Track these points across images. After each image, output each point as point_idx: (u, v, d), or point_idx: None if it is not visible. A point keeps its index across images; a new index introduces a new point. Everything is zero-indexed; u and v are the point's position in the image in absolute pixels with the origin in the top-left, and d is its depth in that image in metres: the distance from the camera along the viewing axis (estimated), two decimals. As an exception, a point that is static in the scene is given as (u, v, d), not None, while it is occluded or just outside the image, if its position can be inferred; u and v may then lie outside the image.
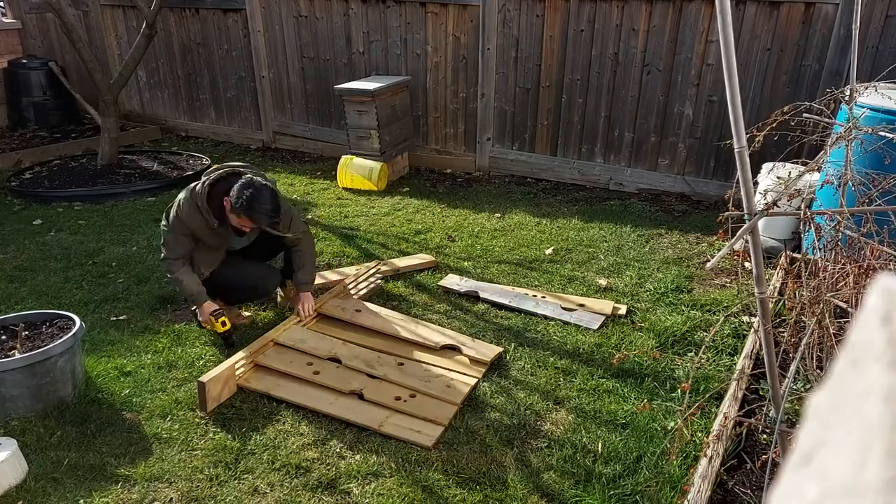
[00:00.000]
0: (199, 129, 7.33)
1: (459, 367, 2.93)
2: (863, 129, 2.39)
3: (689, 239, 4.39)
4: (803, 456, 0.33)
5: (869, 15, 4.17)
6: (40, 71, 7.22)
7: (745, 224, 1.51)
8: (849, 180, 2.32)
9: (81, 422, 2.62)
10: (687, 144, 5.04)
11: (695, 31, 4.74)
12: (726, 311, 3.34)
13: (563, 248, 4.25)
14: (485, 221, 4.74)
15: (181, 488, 2.29)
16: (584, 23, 5.07)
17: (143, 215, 4.92)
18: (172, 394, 2.79)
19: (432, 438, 2.49)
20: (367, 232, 4.58)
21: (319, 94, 6.39)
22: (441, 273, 3.89)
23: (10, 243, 4.39)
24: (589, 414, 2.66)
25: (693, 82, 4.86)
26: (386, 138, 5.44)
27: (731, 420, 2.30)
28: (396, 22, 5.74)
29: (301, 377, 2.84)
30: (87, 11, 7.34)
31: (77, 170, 5.89)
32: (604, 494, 2.23)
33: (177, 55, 7.09)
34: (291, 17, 6.22)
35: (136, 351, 3.12)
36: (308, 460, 2.41)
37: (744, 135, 1.42)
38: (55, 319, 2.88)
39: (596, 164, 5.44)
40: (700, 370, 2.84)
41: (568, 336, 3.21)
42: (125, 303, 3.58)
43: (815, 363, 2.26)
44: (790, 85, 4.59)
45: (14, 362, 2.54)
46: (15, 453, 2.31)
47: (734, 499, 2.12)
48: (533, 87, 5.44)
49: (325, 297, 3.42)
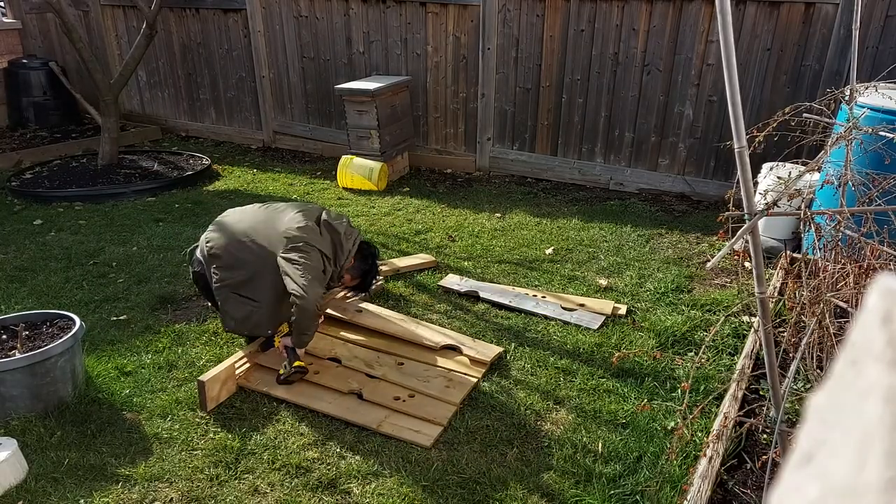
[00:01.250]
0: (199, 129, 7.33)
1: (459, 368, 2.93)
2: (863, 129, 2.39)
3: (689, 239, 4.39)
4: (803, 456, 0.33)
5: (869, 15, 4.17)
6: (40, 71, 7.22)
7: (745, 224, 1.51)
8: (849, 180, 2.32)
9: (82, 422, 2.62)
10: (687, 144, 5.04)
11: (695, 31, 4.74)
12: (726, 311, 3.34)
13: (563, 247, 4.25)
14: (485, 221, 4.74)
15: (181, 488, 2.29)
16: (585, 23, 5.07)
17: (143, 215, 4.92)
18: (173, 394, 2.79)
19: (431, 438, 2.49)
20: (368, 232, 4.58)
21: (320, 94, 6.39)
22: (441, 273, 3.89)
23: (10, 243, 4.39)
24: (589, 414, 2.66)
25: (693, 82, 4.86)
26: (386, 138, 5.44)
27: (731, 420, 2.30)
28: (396, 22, 5.74)
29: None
30: (88, 11, 7.34)
31: (77, 170, 5.89)
32: (604, 494, 2.23)
33: (177, 55, 7.09)
34: (292, 17, 6.22)
35: (137, 351, 3.12)
36: (308, 460, 2.41)
37: (744, 135, 1.42)
38: (55, 319, 2.88)
39: (596, 164, 5.44)
40: (700, 370, 2.84)
41: (568, 336, 3.21)
42: (125, 303, 3.58)
43: (815, 363, 2.26)
44: (790, 85, 4.59)
45: (14, 362, 2.54)
46: (15, 453, 2.31)
47: (734, 499, 2.12)
48: (533, 87, 5.44)
49: (326, 296, 3.42)
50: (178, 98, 7.35)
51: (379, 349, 3.07)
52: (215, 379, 2.68)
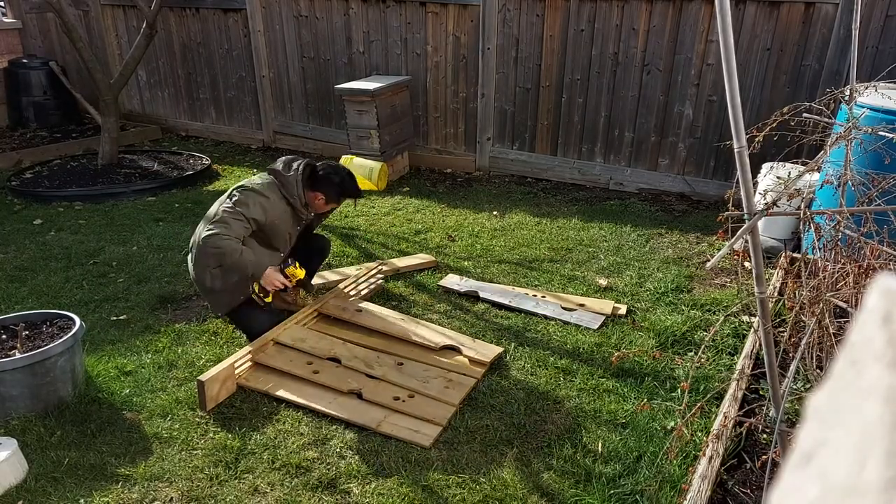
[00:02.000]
0: (199, 129, 7.33)
1: (459, 368, 2.93)
2: (863, 129, 2.39)
3: (689, 239, 4.39)
4: (803, 456, 0.33)
5: (869, 15, 4.17)
6: (40, 71, 7.22)
7: (745, 224, 1.51)
8: (848, 180, 2.32)
9: (82, 421, 2.62)
10: (687, 144, 5.05)
11: (695, 31, 4.74)
12: (726, 310, 3.34)
13: (563, 247, 4.25)
14: (485, 221, 4.74)
15: (181, 488, 2.29)
16: (584, 22, 5.07)
17: (143, 215, 4.92)
18: (173, 393, 2.79)
19: (430, 438, 2.49)
20: (367, 232, 4.58)
21: (319, 94, 6.39)
22: (441, 273, 3.89)
23: (10, 243, 4.39)
24: (589, 413, 2.66)
25: (693, 82, 4.86)
26: (386, 138, 5.44)
27: (731, 420, 2.30)
28: (396, 22, 5.74)
29: (300, 376, 2.84)
30: (88, 11, 7.34)
31: (77, 169, 5.89)
32: (603, 494, 2.23)
33: (177, 55, 7.09)
34: (292, 16, 6.22)
35: (137, 351, 3.12)
36: (308, 460, 2.41)
37: (743, 135, 1.42)
38: (55, 319, 2.88)
39: (596, 164, 5.44)
40: (700, 370, 2.84)
41: (568, 336, 3.21)
42: (125, 302, 3.58)
43: (815, 363, 2.26)
44: (790, 85, 4.59)
45: (14, 362, 2.54)
46: (15, 453, 2.31)
47: (734, 499, 2.12)
48: (533, 87, 5.44)
49: (326, 297, 3.42)
50: (178, 98, 7.34)
51: (378, 349, 3.07)
52: (214, 379, 2.68)
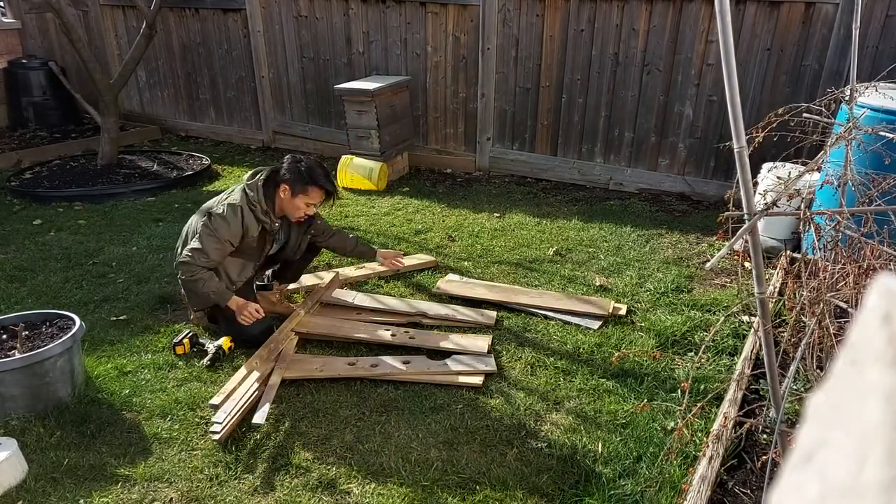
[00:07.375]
0: (198, 129, 7.33)
1: (465, 341, 3.09)
2: (863, 129, 2.39)
3: (689, 239, 4.39)
4: (803, 456, 0.33)
5: (869, 15, 4.17)
6: (40, 71, 7.22)
7: (744, 224, 1.51)
8: (849, 180, 2.32)
9: (81, 422, 2.62)
10: (687, 144, 5.05)
11: (695, 31, 4.74)
12: (726, 311, 3.33)
13: (563, 247, 4.25)
14: (485, 221, 4.74)
15: (181, 488, 2.29)
16: (584, 22, 5.07)
17: (143, 215, 4.92)
18: (172, 394, 2.79)
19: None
20: (367, 232, 4.58)
21: (319, 94, 6.39)
22: (441, 273, 3.89)
23: (10, 243, 4.39)
24: (589, 414, 2.66)
25: (693, 82, 4.86)
26: (386, 138, 5.44)
27: (730, 420, 2.30)
28: (396, 22, 5.74)
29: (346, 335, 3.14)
30: (87, 11, 7.34)
31: (77, 170, 5.89)
32: (603, 495, 2.23)
33: (177, 55, 7.09)
34: (291, 16, 6.22)
35: (136, 351, 3.12)
36: (308, 460, 2.41)
37: (743, 135, 1.42)
38: (55, 319, 2.88)
39: (596, 164, 5.44)
40: (700, 370, 2.84)
41: (568, 336, 3.21)
42: (125, 303, 3.58)
43: (815, 363, 2.26)
44: (790, 85, 4.59)
45: (14, 362, 2.54)
46: (15, 453, 2.30)
47: (734, 499, 2.12)
48: (533, 87, 5.44)
49: (323, 289, 3.49)
50: (178, 98, 7.34)
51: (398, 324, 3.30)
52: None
